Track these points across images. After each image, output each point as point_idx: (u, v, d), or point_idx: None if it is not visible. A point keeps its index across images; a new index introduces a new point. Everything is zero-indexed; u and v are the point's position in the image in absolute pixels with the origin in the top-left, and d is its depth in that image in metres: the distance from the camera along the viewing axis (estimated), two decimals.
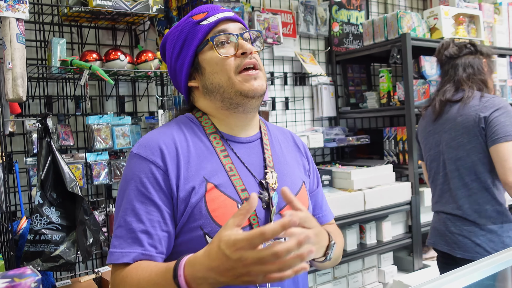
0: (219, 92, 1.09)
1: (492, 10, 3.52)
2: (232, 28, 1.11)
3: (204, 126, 1.13)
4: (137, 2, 2.09)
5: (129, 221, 1.01)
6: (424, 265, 2.90)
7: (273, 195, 1.08)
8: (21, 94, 1.71)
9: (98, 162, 2.15)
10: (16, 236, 1.81)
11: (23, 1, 1.73)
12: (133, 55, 2.42)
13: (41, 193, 1.77)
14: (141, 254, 0.99)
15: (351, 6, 3.43)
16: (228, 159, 1.08)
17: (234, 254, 0.77)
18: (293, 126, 3.15)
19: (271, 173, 1.11)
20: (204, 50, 1.11)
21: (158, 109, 2.51)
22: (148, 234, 1.00)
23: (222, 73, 1.08)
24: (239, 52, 1.08)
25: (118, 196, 1.07)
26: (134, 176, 1.03)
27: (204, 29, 1.10)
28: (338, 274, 2.64)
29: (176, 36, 1.14)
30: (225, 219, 1.00)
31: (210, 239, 1.01)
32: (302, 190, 1.18)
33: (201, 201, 1.02)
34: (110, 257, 1.01)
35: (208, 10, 1.13)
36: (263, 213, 1.06)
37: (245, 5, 2.82)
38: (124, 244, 1.00)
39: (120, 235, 1.01)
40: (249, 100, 1.09)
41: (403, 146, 2.91)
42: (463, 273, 1.07)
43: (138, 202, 1.01)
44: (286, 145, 1.26)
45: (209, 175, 1.05)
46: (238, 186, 1.06)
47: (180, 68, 1.14)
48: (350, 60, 3.34)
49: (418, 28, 3.02)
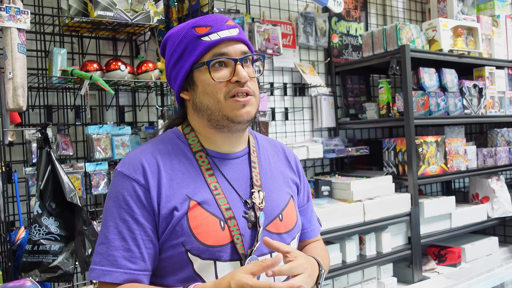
0: (207, 113, 1.10)
1: (490, 23, 3.54)
2: (232, 51, 1.09)
3: (191, 144, 1.13)
4: (138, 13, 2.10)
5: (111, 239, 1.02)
6: (424, 276, 2.88)
7: (259, 215, 1.08)
8: (21, 104, 1.71)
9: (97, 172, 2.14)
10: (14, 246, 1.80)
11: (24, 11, 1.74)
12: (133, 65, 2.42)
13: (40, 203, 1.76)
14: (124, 273, 1.00)
15: (350, 17, 3.46)
16: (213, 177, 1.09)
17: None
18: (293, 136, 3.15)
19: (257, 193, 1.11)
20: (200, 68, 1.09)
21: (158, 119, 2.51)
22: (130, 252, 1.01)
23: (213, 95, 1.07)
24: (234, 79, 1.07)
25: (103, 213, 1.07)
26: (117, 194, 1.04)
27: (203, 46, 1.08)
28: (337, 286, 2.62)
29: (176, 43, 1.11)
30: (207, 237, 1.02)
31: (192, 256, 1.02)
32: (289, 204, 1.19)
33: (183, 218, 1.02)
34: (91, 273, 1.02)
35: (212, 24, 1.09)
36: (249, 232, 1.07)
37: (245, 16, 2.84)
38: (104, 262, 1.01)
39: (101, 252, 1.02)
40: (235, 125, 1.09)
41: (403, 157, 2.91)
42: (463, 286, 1.06)
43: (121, 220, 1.02)
44: (275, 159, 1.25)
45: (192, 193, 1.05)
46: (223, 205, 1.06)
47: (175, 77, 1.13)
48: (350, 71, 3.36)
49: (417, 40, 3.03)
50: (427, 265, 3.02)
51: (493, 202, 3.34)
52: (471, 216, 3.21)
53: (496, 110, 3.45)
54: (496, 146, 3.48)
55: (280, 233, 1.12)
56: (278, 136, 3.08)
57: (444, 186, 3.95)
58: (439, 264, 3.11)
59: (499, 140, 3.51)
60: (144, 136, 2.46)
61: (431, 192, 3.89)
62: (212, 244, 1.02)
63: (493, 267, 1.25)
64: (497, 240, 3.37)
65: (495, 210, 3.33)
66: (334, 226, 2.50)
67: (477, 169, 3.29)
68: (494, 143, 3.53)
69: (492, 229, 3.71)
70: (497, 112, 3.46)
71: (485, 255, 3.26)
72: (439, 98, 3.04)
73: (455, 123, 3.30)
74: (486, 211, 3.32)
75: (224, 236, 1.04)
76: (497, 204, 3.33)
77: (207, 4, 2.25)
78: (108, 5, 2.02)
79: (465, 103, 3.21)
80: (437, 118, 3.01)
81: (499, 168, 3.40)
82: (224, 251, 1.03)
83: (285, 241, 1.13)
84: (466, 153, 3.20)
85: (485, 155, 3.37)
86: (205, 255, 1.02)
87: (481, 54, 3.36)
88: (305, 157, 2.78)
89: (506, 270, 1.26)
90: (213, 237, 1.03)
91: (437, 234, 2.99)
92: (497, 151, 3.40)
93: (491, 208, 3.34)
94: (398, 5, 3.80)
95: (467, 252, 3.14)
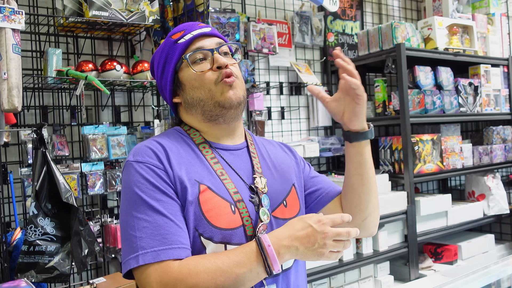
0: (200, 105, 1.14)
1: (485, 21, 3.55)
2: (208, 44, 1.15)
3: (193, 137, 1.17)
4: (133, 12, 2.10)
5: (153, 219, 0.99)
6: (420, 274, 2.89)
7: (262, 197, 1.12)
8: (16, 104, 1.71)
9: (93, 172, 2.14)
10: (10, 247, 1.79)
11: (19, 12, 1.73)
12: (129, 65, 2.42)
13: (36, 203, 1.76)
14: (178, 249, 0.98)
15: (346, 16, 3.46)
16: (218, 165, 1.12)
17: (320, 227, 0.97)
18: (289, 135, 3.15)
19: (259, 178, 1.15)
20: (182, 67, 1.16)
21: (154, 119, 2.51)
22: (177, 226, 1.00)
23: (202, 87, 1.13)
24: (215, 66, 1.13)
25: (124, 206, 1.04)
26: (138, 179, 1.04)
27: (180, 47, 1.15)
28: (334, 284, 2.63)
29: (159, 56, 1.19)
30: (219, 220, 1.04)
31: (204, 240, 1.03)
32: (292, 192, 1.22)
33: (195, 202, 1.04)
34: (144, 257, 0.96)
35: (185, 28, 1.17)
36: (255, 214, 1.10)
37: (241, 15, 2.83)
38: (155, 243, 0.97)
39: (146, 235, 0.98)
40: (227, 111, 1.13)
41: (399, 156, 2.92)
42: (460, 283, 1.07)
43: (153, 200, 1.01)
44: (274, 151, 1.30)
45: (201, 178, 1.07)
46: (231, 189, 1.09)
47: (164, 86, 1.19)
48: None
49: (412, 39, 3.04)
50: (424, 263, 3.03)
51: (489, 199, 3.35)
52: (467, 214, 3.22)
53: (491, 108, 3.46)
54: (491, 144, 3.50)
55: (286, 218, 1.15)
56: (275, 135, 3.08)
57: (440, 184, 3.96)
58: (435, 262, 3.13)
59: (495, 138, 3.53)
60: (140, 136, 2.46)
61: (427, 190, 3.90)
62: (225, 227, 1.04)
63: (489, 264, 1.25)
64: (493, 237, 3.39)
65: (491, 207, 3.35)
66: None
67: (473, 166, 3.31)
68: (490, 141, 3.54)
69: (488, 227, 3.72)
70: (493, 110, 3.47)
71: (481, 253, 3.28)
72: (435, 96, 3.05)
73: (451, 121, 3.32)
74: (482, 208, 3.34)
75: (235, 219, 1.06)
76: (493, 201, 3.35)
77: (202, 3, 2.25)
78: (103, 5, 2.01)
79: (460, 101, 3.22)
80: (433, 116, 3.02)
81: (494, 166, 3.41)
82: (235, 234, 1.05)
83: None
84: (462, 151, 3.21)
85: (481, 152, 3.38)
86: (217, 239, 1.04)
87: (477, 52, 3.36)
88: (302, 156, 2.77)
89: (502, 267, 1.26)
90: (225, 221, 1.04)
91: (434, 232, 3.00)
92: (492, 149, 3.41)
93: (487, 206, 3.35)
94: (394, 4, 3.81)
95: (463, 250, 3.16)
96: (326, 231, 0.97)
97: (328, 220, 0.98)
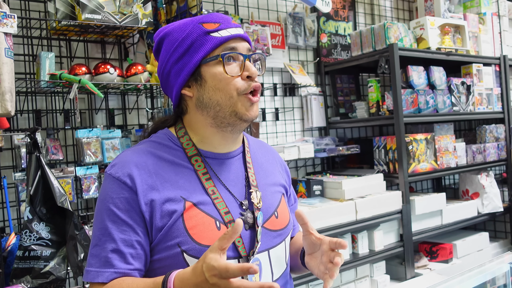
0: (215, 109, 1.08)
1: (477, 20, 3.58)
2: (241, 47, 1.09)
3: (185, 148, 1.11)
4: (126, 15, 2.09)
5: (103, 240, 1.02)
6: (416, 273, 2.90)
7: (258, 215, 1.09)
8: (9, 108, 1.69)
9: (88, 176, 2.13)
10: (4, 252, 1.78)
11: (11, 15, 1.72)
12: (122, 68, 2.41)
13: (30, 208, 1.75)
14: (114, 273, 1.01)
15: (339, 17, 3.47)
16: (210, 181, 1.09)
17: (211, 279, 0.86)
18: (284, 136, 3.16)
19: (255, 193, 1.12)
20: (210, 63, 1.07)
21: (148, 122, 2.50)
22: (120, 253, 1.01)
23: (225, 90, 1.06)
24: (245, 74, 1.07)
25: (95, 215, 1.08)
26: (106, 196, 1.05)
27: (214, 42, 1.07)
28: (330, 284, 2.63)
29: (180, 39, 1.09)
30: (203, 237, 1.02)
31: (188, 257, 1.02)
32: (282, 202, 1.21)
33: (179, 219, 1.02)
34: (86, 275, 1.03)
35: (221, 22, 1.09)
36: (248, 233, 1.07)
37: (234, 17, 2.83)
38: (99, 263, 1.02)
39: (95, 254, 1.03)
40: (241, 123, 1.09)
41: (393, 155, 2.93)
42: (455, 282, 1.07)
43: (111, 222, 1.03)
44: (267, 157, 1.28)
45: (188, 195, 1.05)
46: (222, 209, 1.06)
47: (178, 73, 1.10)
48: (339, 71, 3.37)
49: (405, 39, 3.06)
50: (419, 262, 3.05)
51: (483, 198, 3.37)
52: (462, 212, 3.24)
53: (484, 107, 3.49)
54: (485, 143, 3.52)
55: (277, 230, 1.14)
56: (269, 137, 3.08)
57: (434, 183, 3.98)
58: (431, 260, 3.14)
59: (488, 137, 3.55)
60: (135, 139, 2.45)
61: (421, 189, 3.92)
62: (208, 244, 1.02)
63: (484, 262, 1.26)
64: (487, 235, 3.41)
65: (485, 205, 3.36)
66: (327, 225, 2.51)
67: (467, 165, 3.32)
68: (483, 140, 3.57)
69: (482, 225, 3.74)
70: (485, 109, 3.50)
71: (476, 251, 3.30)
72: (428, 96, 3.06)
73: (444, 121, 3.33)
74: (476, 207, 3.36)
75: (220, 236, 1.04)
76: (487, 199, 3.37)
77: (195, 5, 2.25)
78: (96, 8, 2.00)
79: (453, 101, 3.24)
80: (426, 116, 3.03)
81: (488, 164, 3.44)
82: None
83: (282, 237, 1.15)
84: (455, 150, 3.23)
85: (474, 151, 3.40)
86: (201, 256, 1.02)
87: (469, 51, 3.39)
88: (296, 157, 2.79)
89: (497, 265, 1.27)
90: (209, 237, 1.03)
91: (429, 231, 3.01)
92: (486, 148, 3.43)
93: (481, 204, 3.37)
94: (386, 4, 3.83)
95: (458, 248, 3.17)
96: (217, 285, 0.86)
97: (219, 271, 0.85)
